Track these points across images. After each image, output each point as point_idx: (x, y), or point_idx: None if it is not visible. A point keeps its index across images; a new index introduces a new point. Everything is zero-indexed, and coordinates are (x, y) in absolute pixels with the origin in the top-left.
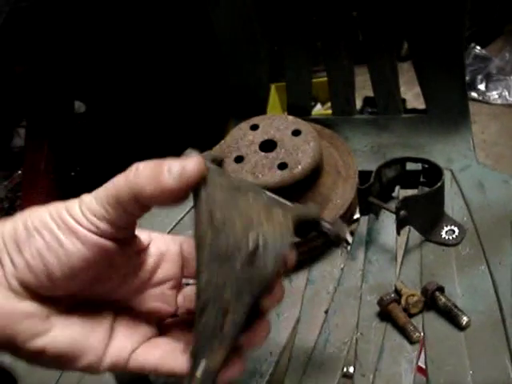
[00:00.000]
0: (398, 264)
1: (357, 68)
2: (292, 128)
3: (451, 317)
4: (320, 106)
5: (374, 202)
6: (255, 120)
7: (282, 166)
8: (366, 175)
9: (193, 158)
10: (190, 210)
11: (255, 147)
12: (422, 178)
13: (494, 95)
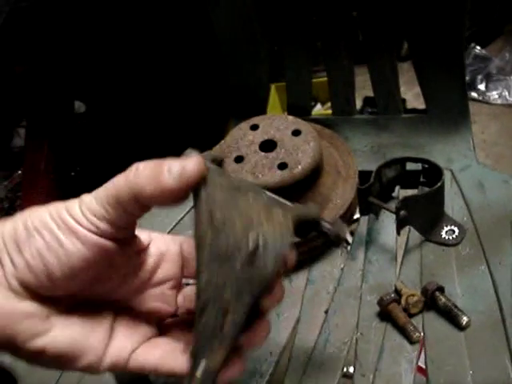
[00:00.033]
0: (398, 264)
1: (357, 68)
2: (292, 128)
3: (451, 317)
4: (320, 105)
5: (374, 201)
6: (255, 120)
7: (282, 166)
8: (366, 175)
9: (193, 157)
10: (189, 210)
11: (255, 147)
12: (422, 178)
13: (494, 95)
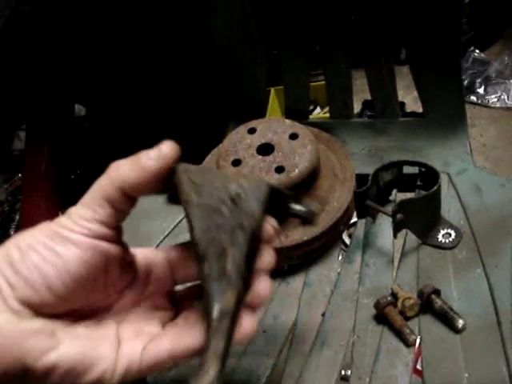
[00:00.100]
0: (395, 267)
1: (356, 71)
2: (289, 132)
3: (447, 320)
4: (319, 109)
5: (371, 205)
6: (253, 123)
7: (280, 169)
8: (363, 178)
9: (165, 142)
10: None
11: (253, 151)
12: (419, 182)
13: (492, 99)
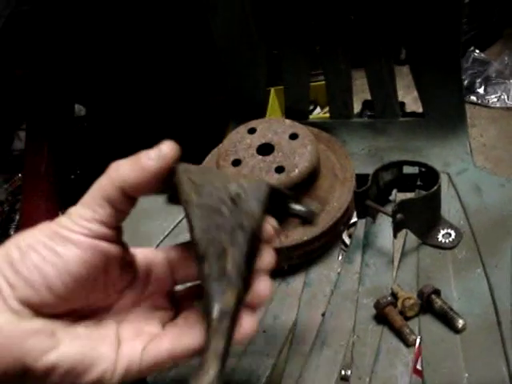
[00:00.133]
0: (395, 267)
1: (356, 71)
2: (289, 132)
3: (447, 320)
4: (319, 109)
5: (371, 205)
6: (253, 124)
7: (280, 169)
8: (363, 178)
9: (165, 142)
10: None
11: (253, 151)
12: (419, 182)
13: (492, 99)
